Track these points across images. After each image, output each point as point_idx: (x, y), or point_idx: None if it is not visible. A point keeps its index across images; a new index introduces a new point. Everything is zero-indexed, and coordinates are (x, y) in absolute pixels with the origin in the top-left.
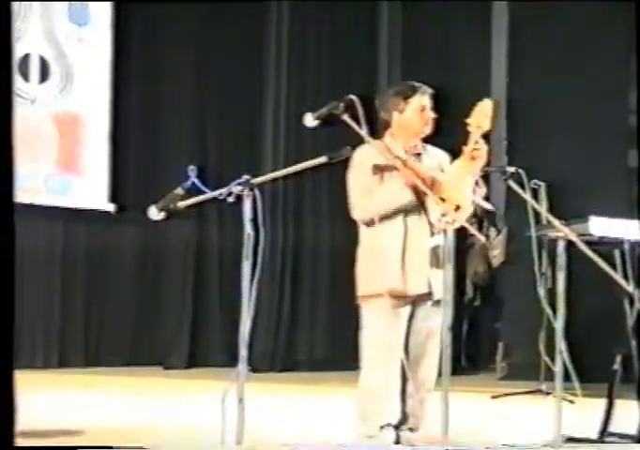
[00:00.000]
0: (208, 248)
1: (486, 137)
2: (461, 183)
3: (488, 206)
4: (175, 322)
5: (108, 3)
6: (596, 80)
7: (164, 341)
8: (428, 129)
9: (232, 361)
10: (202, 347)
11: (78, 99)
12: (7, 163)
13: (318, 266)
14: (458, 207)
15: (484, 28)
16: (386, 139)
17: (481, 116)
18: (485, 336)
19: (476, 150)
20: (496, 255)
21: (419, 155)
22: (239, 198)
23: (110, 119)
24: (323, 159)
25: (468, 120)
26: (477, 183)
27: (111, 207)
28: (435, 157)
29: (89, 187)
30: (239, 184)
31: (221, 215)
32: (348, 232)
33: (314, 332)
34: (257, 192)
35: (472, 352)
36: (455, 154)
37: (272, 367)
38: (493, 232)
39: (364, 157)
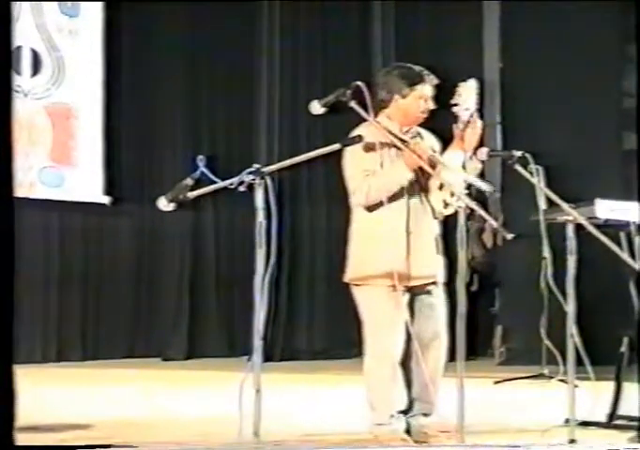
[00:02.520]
0: (205, 239)
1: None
2: (456, 168)
3: (485, 186)
4: (173, 313)
5: None
6: (590, 63)
7: (162, 333)
8: (422, 119)
9: (230, 351)
10: (200, 338)
11: (71, 92)
12: (7, 161)
13: (315, 254)
14: (452, 193)
15: (478, 10)
16: (382, 119)
17: (468, 97)
18: (482, 321)
19: (467, 129)
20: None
21: (414, 138)
22: (250, 187)
23: (103, 111)
24: (336, 146)
25: (454, 101)
26: (470, 158)
27: (106, 200)
28: (428, 142)
29: (84, 180)
30: (251, 173)
31: (217, 204)
32: (345, 219)
33: (313, 321)
34: (269, 181)
35: (470, 337)
36: (447, 141)
37: (271, 356)
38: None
39: (369, 138)
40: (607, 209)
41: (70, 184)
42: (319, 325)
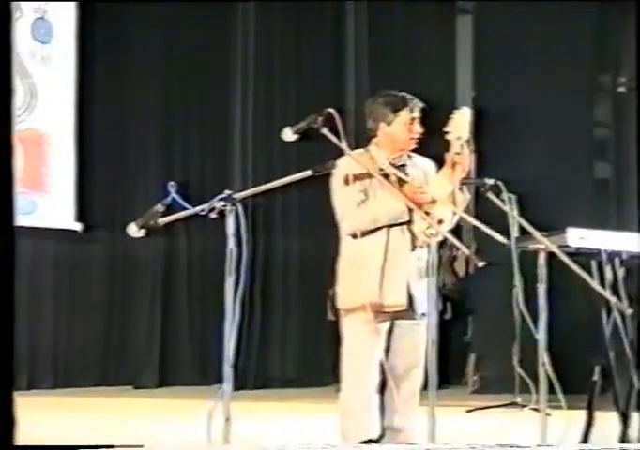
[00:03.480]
0: (176, 266)
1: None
2: (443, 195)
3: (475, 222)
4: (145, 341)
5: (72, 20)
6: (563, 92)
7: (134, 361)
8: (413, 144)
9: (202, 379)
10: (172, 366)
11: (43, 118)
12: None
13: (289, 281)
14: (441, 221)
15: (450, 38)
16: (372, 148)
17: (460, 125)
18: (456, 349)
19: (458, 158)
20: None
21: (403, 166)
22: (222, 213)
23: (75, 137)
24: (308, 173)
25: (447, 129)
26: (460, 189)
27: (77, 226)
28: (421, 167)
29: (55, 207)
30: (222, 199)
31: (189, 230)
32: (319, 246)
33: (286, 348)
34: (240, 207)
35: (443, 365)
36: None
37: (244, 384)
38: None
39: (349, 169)
40: (578, 237)
41: (42, 210)
42: (292, 353)
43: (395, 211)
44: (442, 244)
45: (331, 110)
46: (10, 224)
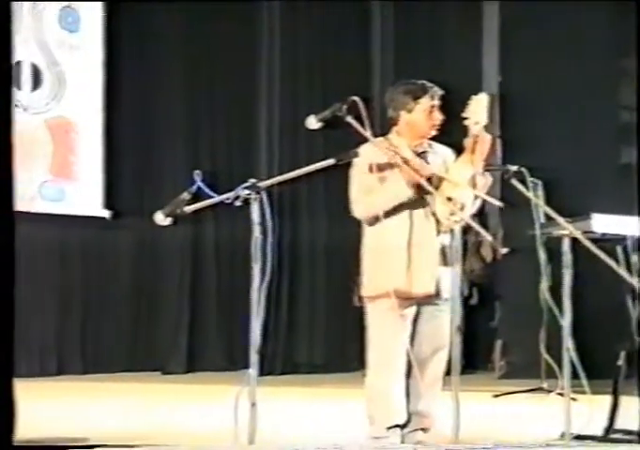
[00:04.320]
0: (205, 252)
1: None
2: (464, 180)
3: (497, 203)
4: (173, 327)
5: (98, 9)
6: (588, 77)
7: (162, 346)
8: (434, 131)
9: (230, 365)
10: (200, 351)
11: (71, 106)
12: (7, 168)
13: (315, 268)
14: (463, 206)
15: (476, 25)
16: (392, 136)
17: (478, 111)
18: (482, 334)
19: (477, 143)
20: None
21: (424, 153)
22: (246, 201)
23: (103, 125)
24: (331, 161)
25: (465, 114)
26: (482, 174)
27: (106, 213)
28: (441, 155)
29: (84, 194)
30: (246, 187)
31: (217, 218)
32: (345, 233)
33: (313, 334)
34: (264, 195)
35: (469, 351)
36: (460, 153)
37: (272, 369)
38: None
39: (366, 156)
40: (604, 223)
41: (71, 198)
42: (319, 339)
43: (401, 196)
44: (467, 229)
45: (355, 98)
46: (10, 214)
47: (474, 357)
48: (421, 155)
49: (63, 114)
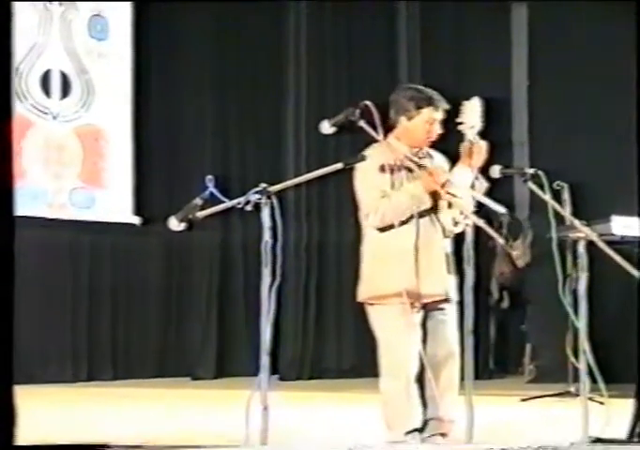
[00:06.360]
0: (233, 259)
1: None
2: (466, 186)
3: (499, 208)
4: (202, 332)
5: (127, 17)
6: (615, 80)
7: (192, 352)
8: (428, 144)
9: (259, 370)
10: (229, 357)
11: (100, 113)
12: (7, 169)
13: (343, 272)
14: (462, 211)
15: (504, 30)
16: (392, 140)
17: (472, 115)
18: (513, 338)
19: (473, 147)
20: (518, 257)
21: (423, 159)
22: (257, 206)
23: (132, 132)
24: (339, 166)
25: (460, 119)
26: (477, 178)
27: (136, 220)
28: (437, 162)
29: (114, 201)
30: (257, 192)
31: (245, 224)
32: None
33: (341, 339)
34: (275, 200)
35: (500, 355)
36: (455, 160)
37: (300, 374)
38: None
39: (376, 157)
40: (623, 226)
41: (100, 204)
42: (347, 344)
43: (423, 203)
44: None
45: (368, 102)
46: (10, 217)
47: (505, 361)
48: (420, 160)
49: (92, 122)
